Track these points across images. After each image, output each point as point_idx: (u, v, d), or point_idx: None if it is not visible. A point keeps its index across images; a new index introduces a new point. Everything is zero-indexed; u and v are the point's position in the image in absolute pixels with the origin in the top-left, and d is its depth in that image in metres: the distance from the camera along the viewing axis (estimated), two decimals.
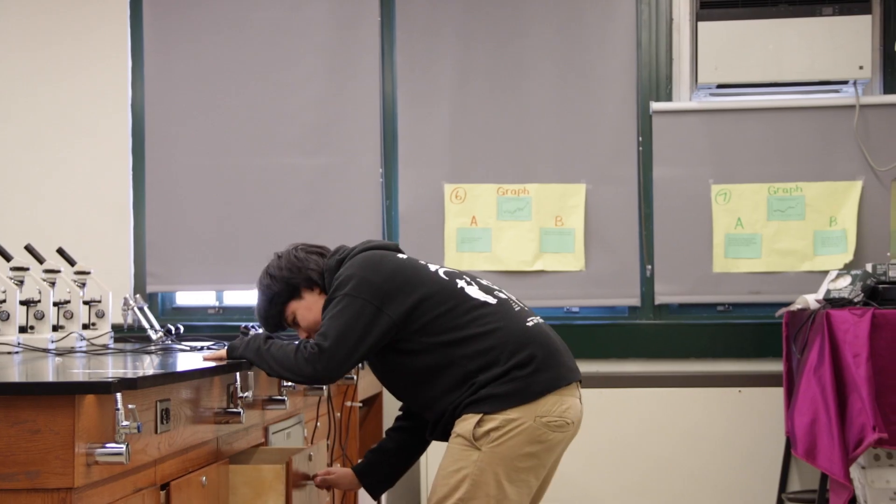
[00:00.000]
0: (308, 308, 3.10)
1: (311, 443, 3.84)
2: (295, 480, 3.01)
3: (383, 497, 3.78)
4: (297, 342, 2.94)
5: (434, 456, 3.95)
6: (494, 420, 2.86)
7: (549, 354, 2.95)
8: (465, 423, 2.89)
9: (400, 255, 3.11)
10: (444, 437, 2.99)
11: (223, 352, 3.01)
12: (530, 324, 3.01)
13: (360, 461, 3.42)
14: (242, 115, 5.47)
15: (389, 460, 3.28)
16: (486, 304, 2.99)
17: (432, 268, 3.08)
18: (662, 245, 5.29)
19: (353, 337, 2.88)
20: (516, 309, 3.04)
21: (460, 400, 2.91)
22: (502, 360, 2.89)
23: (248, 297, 5.57)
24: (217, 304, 5.57)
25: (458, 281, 3.04)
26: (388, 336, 2.93)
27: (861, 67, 5.08)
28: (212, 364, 2.85)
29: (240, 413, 2.94)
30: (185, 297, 5.64)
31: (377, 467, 3.29)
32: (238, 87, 5.47)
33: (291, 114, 5.44)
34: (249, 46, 5.46)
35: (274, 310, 3.13)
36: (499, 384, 2.87)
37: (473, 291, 3.02)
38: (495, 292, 3.07)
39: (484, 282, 3.12)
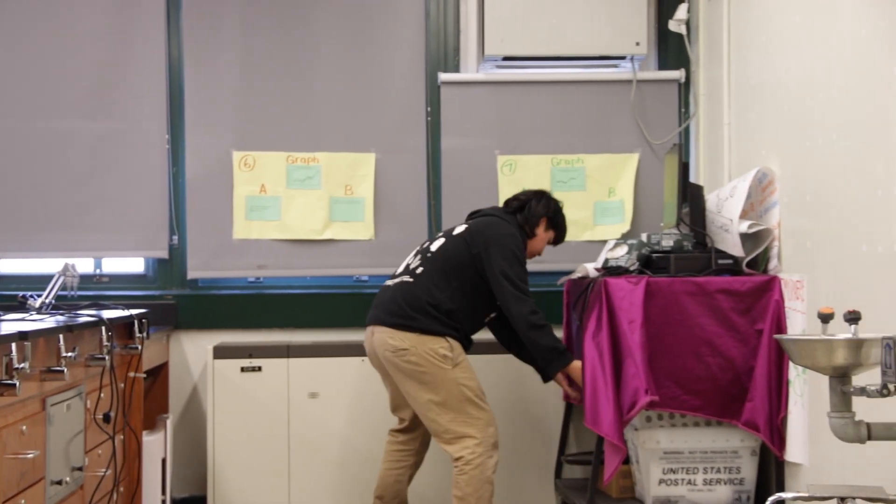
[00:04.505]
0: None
1: (94, 414, 3.76)
2: None
3: None
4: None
5: None
6: None
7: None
8: None
9: (443, 232, 4.51)
10: None
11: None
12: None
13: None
14: (19, 77, 5.25)
15: (523, 350, 4.54)
16: (392, 276, 4.43)
17: (426, 244, 4.45)
18: (450, 213, 5.35)
19: None
20: (391, 284, 4.37)
21: None
22: None
23: (26, 265, 5.35)
24: None
25: (409, 257, 4.45)
26: None
27: (638, 44, 5.27)
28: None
29: (15, 385, 2.85)
30: None
31: (530, 360, 4.57)
32: (14, 46, 5.24)
33: (72, 77, 5.26)
34: (26, 3, 5.24)
35: None
36: None
37: (401, 267, 4.42)
38: (403, 274, 4.35)
39: (415, 262, 4.36)
